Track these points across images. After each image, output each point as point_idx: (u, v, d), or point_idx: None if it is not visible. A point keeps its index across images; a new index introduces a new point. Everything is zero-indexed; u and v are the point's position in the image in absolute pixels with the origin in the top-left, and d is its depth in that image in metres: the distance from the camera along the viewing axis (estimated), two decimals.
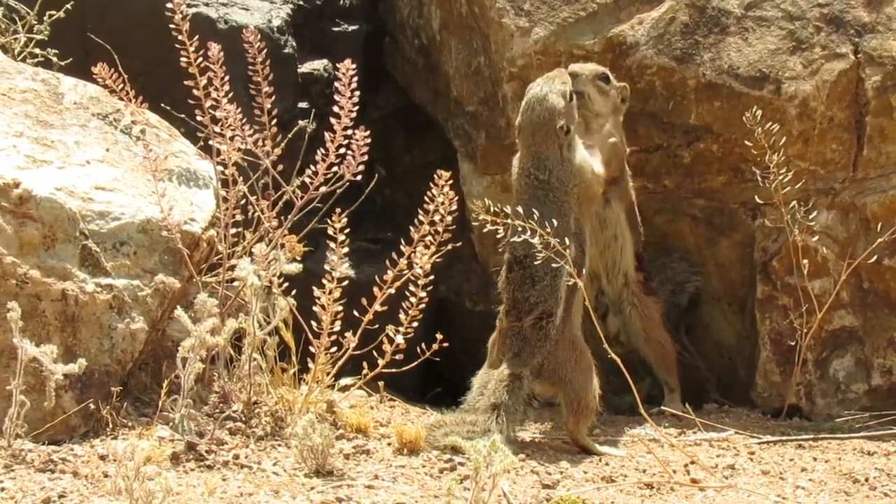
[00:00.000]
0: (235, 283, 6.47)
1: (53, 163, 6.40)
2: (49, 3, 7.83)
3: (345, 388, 6.72)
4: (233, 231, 6.61)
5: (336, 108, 6.52)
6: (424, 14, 8.42)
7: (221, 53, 6.45)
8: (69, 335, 6.11)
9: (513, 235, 6.47)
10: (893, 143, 7.43)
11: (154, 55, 7.64)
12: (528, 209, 6.41)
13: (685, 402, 7.32)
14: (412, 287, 6.40)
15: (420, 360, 6.44)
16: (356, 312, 6.38)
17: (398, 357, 6.39)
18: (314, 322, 6.40)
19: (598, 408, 6.72)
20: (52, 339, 6.01)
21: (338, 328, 6.38)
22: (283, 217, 6.72)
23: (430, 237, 6.42)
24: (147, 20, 7.75)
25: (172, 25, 6.47)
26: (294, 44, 8.33)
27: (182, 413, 6.07)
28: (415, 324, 6.39)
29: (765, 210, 7.53)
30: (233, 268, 6.45)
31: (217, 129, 6.57)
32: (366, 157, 6.47)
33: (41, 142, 6.49)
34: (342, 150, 6.49)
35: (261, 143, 6.66)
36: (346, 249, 6.35)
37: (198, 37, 6.48)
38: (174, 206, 6.42)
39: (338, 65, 6.55)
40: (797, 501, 6.01)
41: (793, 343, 7.40)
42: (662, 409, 7.26)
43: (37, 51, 7.74)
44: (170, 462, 5.86)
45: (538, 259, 6.34)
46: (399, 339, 6.37)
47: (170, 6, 6.49)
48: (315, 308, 6.38)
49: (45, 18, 7.77)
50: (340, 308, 6.35)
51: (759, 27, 7.54)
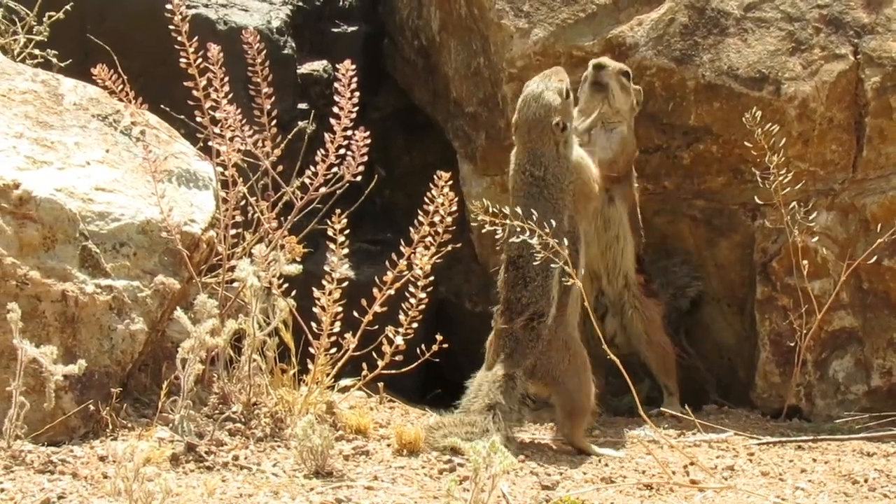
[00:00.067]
0: (235, 284, 6.47)
1: (53, 164, 6.40)
2: (49, 5, 7.83)
3: (344, 389, 6.72)
4: (232, 232, 6.61)
5: (336, 109, 6.51)
6: (424, 15, 8.42)
7: (221, 54, 6.45)
8: (69, 336, 6.11)
9: (510, 236, 6.48)
10: (893, 144, 7.43)
11: (153, 56, 7.64)
12: (523, 207, 6.41)
13: (684, 404, 7.32)
14: (412, 288, 6.40)
15: (420, 362, 6.43)
16: (356, 313, 6.38)
17: (398, 358, 6.39)
18: (314, 323, 6.40)
19: (595, 408, 6.72)
20: (52, 340, 6.01)
21: (337, 329, 6.38)
22: (283, 218, 6.72)
23: (430, 238, 6.42)
24: (146, 21, 7.76)
25: (172, 26, 6.47)
26: (293, 45, 8.33)
27: (182, 414, 6.06)
28: (414, 325, 6.39)
29: (764, 211, 7.53)
30: (232, 269, 6.45)
31: (217, 130, 6.56)
32: (365, 158, 6.47)
33: (41, 143, 6.48)
34: (342, 151, 6.49)
35: (260, 144, 6.66)
36: (346, 250, 6.35)
37: (197, 38, 6.47)
38: (174, 207, 6.42)
39: (337, 66, 6.55)
40: (796, 502, 6.01)
41: (792, 344, 7.40)
42: (662, 411, 7.26)
43: (36, 52, 7.74)
44: (169, 463, 5.86)
45: (531, 259, 6.35)
46: (399, 341, 6.37)
47: (169, 7, 6.49)
48: (315, 309, 6.38)
49: (45, 19, 7.77)
50: (340, 309, 6.35)
51: (759, 28, 7.54)
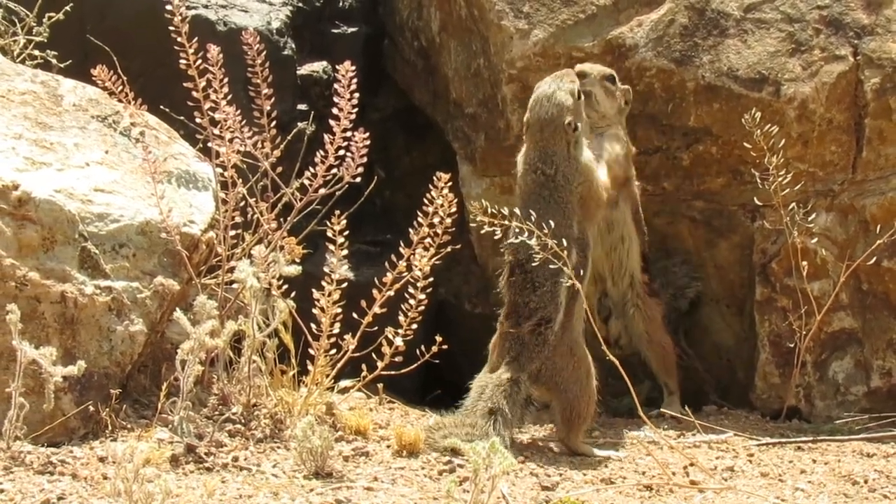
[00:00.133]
0: (235, 286, 6.47)
1: (52, 165, 6.40)
2: (48, 5, 7.83)
3: (344, 391, 6.71)
4: (232, 233, 6.61)
5: (335, 110, 6.51)
6: (424, 16, 8.42)
7: (220, 55, 6.45)
8: (68, 337, 6.10)
9: (514, 237, 6.46)
10: (892, 145, 7.43)
11: (153, 57, 7.64)
12: (532, 209, 6.41)
13: (684, 405, 7.31)
14: (411, 289, 6.40)
15: (419, 363, 6.43)
16: (355, 314, 6.38)
17: (397, 359, 6.38)
18: (313, 324, 6.40)
19: (595, 413, 6.72)
20: (52, 342, 6.00)
21: (337, 330, 6.38)
22: (283, 219, 6.71)
23: (430, 239, 6.42)
24: (146, 22, 7.75)
25: (171, 27, 6.47)
26: (293, 46, 8.33)
27: (181, 415, 6.06)
28: (414, 326, 6.38)
29: (764, 212, 7.52)
30: (232, 270, 6.45)
31: (216, 131, 6.56)
32: (365, 159, 6.47)
33: (40, 144, 6.48)
34: (341, 152, 6.49)
35: (260, 145, 6.66)
36: (346, 251, 6.35)
37: (197, 39, 6.47)
38: (173, 208, 6.42)
39: (337, 66, 6.55)
40: (796, 503, 6.01)
41: (792, 345, 7.39)
42: (662, 412, 7.26)
43: (36, 53, 7.74)
44: (169, 464, 5.85)
45: (541, 264, 6.33)
46: (398, 342, 6.37)
47: (169, 8, 6.49)
48: (314, 310, 6.37)
49: (45, 20, 7.77)
50: (340, 310, 6.34)
51: (759, 29, 7.54)
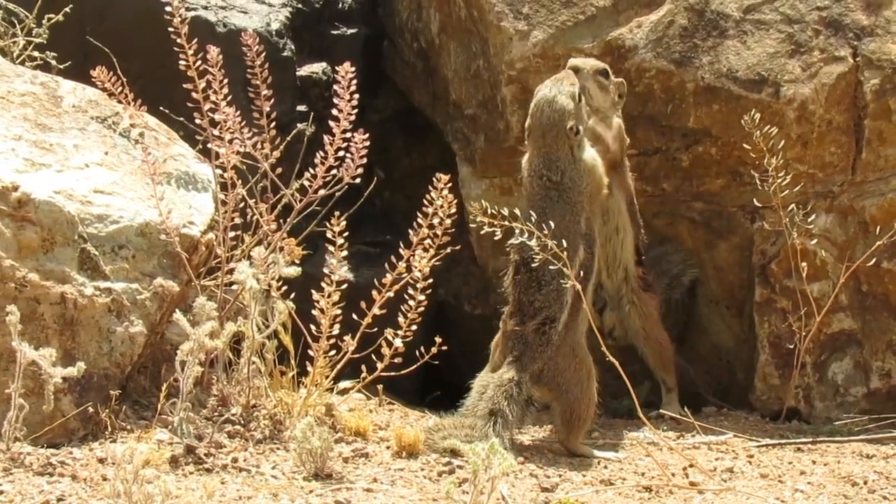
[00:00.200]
0: (234, 287, 6.47)
1: (52, 166, 6.40)
2: (48, 7, 7.83)
3: (344, 392, 6.72)
4: (231, 234, 6.61)
5: (335, 111, 6.51)
6: (423, 17, 8.42)
7: (220, 57, 6.45)
8: (68, 338, 6.10)
9: (520, 236, 6.46)
10: (892, 147, 7.43)
11: (153, 58, 7.64)
12: (540, 210, 6.42)
13: (683, 405, 7.31)
14: (411, 290, 6.40)
15: (419, 364, 6.43)
16: (355, 316, 6.38)
17: (397, 360, 6.38)
18: (313, 325, 6.40)
19: (595, 414, 6.72)
20: (51, 343, 6.00)
21: (337, 331, 6.38)
22: (282, 220, 6.71)
23: (429, 240, 6.42)
24: (146, 23, 7.75)
25: (171, 29, 6.47)
26: (293, 47, 8.34)
27: (181, 416, 6.06)
28: (414, 327, 6.38)
29: (763, 213, 7.52)
30: (231, 271, 6.45)
31: (216, 133, 6.56)
32: (365, 160, 6.47)
33: (40, 145, 6.48)
34: (341, 153, 6.49)
35: (259, 147, 6.66)
36: (345, 253, 6.35)
37: (196, 40, 6.48)
38: (173, 210, 6.42)
39: (337, 68, 6.55)
40: None
41: (791, 346, 7.39)
42: (661, 413, 7.26)
43: (35, 54, 7.74)
44: (168, 465, 5.85)
45: (546, 262, 6.33)
46: (398, 343, 6.37)
47: (168, 10, 6.49)
48: (314, 311, 6.37)
49: (44, 21, 7.77)
50: (339, 311, 6.35)
51: (758, 30, 7.54)
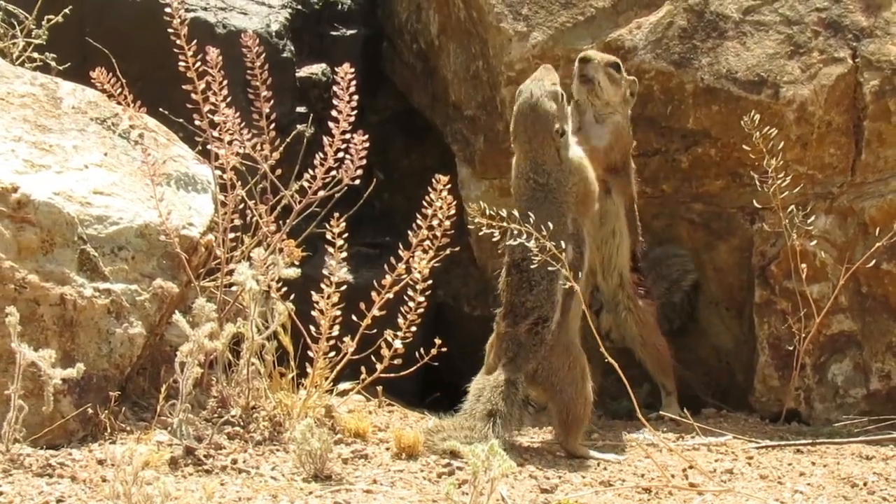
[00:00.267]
0: (234, 288, 6.47)
1: (52, 167, 6.40)
2: (47, 8, 7.83)
3: (343, 393, 6.71)
4: (231, 235, 6.61)
5: (334, 112, 6.51)
6: (423, 18, 8.42)
7: (220, 58, 6.45)
8: (67, 340, 6.10)
9: (511, 238, 6.47)
10: (891, 148, 7.43)
11: (152, 60, 7.64)
12: (527, 211, 6.41)
13: (683, 407, 7.31)
14: (410, 292, 6.40)
15: (418, 365, 6.43)
16: (354, 317, 6.38)
17: (396, 362, 6.39)
18: (312, 327, 6.40)
19: (592, 413, 6.72)
20: (51, 344, 6.00)
21: (336, 333, 6.38)
22: (282, 221, 6.71)
23: (429, 242, 6.42)
24: (145, 25, 7.76)
25: (171, 30, 6.47)
26: (292, 48, 8.34)
27: (180, 418, 6.06)
28: (413, 328, 6.38)
29: (763, 214, 7.52)
30: (231, 272, 6.45)
31: (215, 134, 6.56)
32: (364, 162, 6.47)
33: (39, 146, 6.48)
34: (340, 155, 6.49)
35: (259, 148, 6.66)
36: (345, 254, 6.35)
37: (196, 41, 6.48)
38: (172, 211, 6.42)
39: (336, 69, 6.55)
40: None
41: (791, 348, 7.39)
42: (661, 414, 7.26)
43: (35, 55, 7.74)
44: (168, 467, 5.85)
45: (535, 263, 6.34)
46: (397, 344, 6.37)
47: (168, 11, 6.49)
48: (313, 313, 6.37)
49: (44, 23, 7.77)
50: (339, 313, 6.34)
51: (758, 32, 7.54)
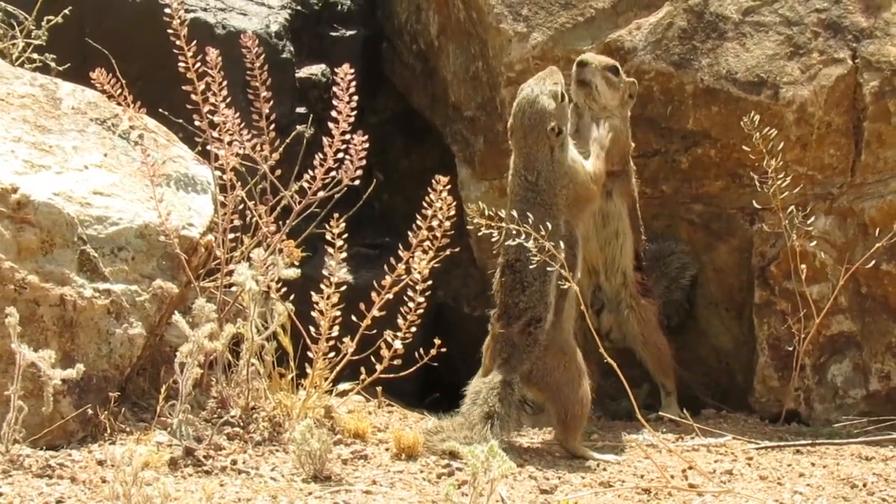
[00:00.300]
0: (233, 289, 6.47)
1: (51, 168, 6.40)
2: (47, 8, 7.83)
3: (343, 394, 6.71)
4: (231, 236, 6.61)
5: (334, 113, 6.52)
6: (422, 19, 8.42)
7: (219, 58, 6.45)
8: (67, 340, 6.10)
9: (506, 239, 6.47)
10: (891, 149, 7.43)
11: (152, 60, 7.65)
12: (520, 211, 6.43)
13: (682, 407, 7.31)
14: (410, 292, 6.40)
15: (418, 366, 6.43)
16: (354, 318, 6.38)
17: (396, 362, 6.39)
18: (312, 327, 6.40)
19: (590, 413, 6.71)
20: (51, 345, 6.00)
21: (336, 333, 6.38)
22: (282, 222, 6.71)
23: (429, 242, 6.42)
24: (145, 25, 7.76)
25: (170, 30, 6.48)
26: (292, 49, 8.34)
27: (180, 418, 6.06)
28: (413, 329, 6.39)
29: (763, 215, 7.52)
30: (231, 273, 6.45)
31: (215, 134, 6.56)
32: (364, 162, 6.47)
33: (39, 147, 6.48)
34: (340, 155, 6.49)
35: (259, 148, 6.66)
36: (345, 254, 6.35)
37: (196, 42, 6.48)
38: (172, 212, 6.42)
39: (336, 69, 6.56)
40: None
41: (791, 348, 7.39)
42: (660, 415, 7.25)
43: (35, 56, 7.74)
44: (168, 467, 5.85)
45: (528, 263, 6.34)
46: (397, 345, 6.37)
47: (168, 11, 6.49)
48: (313, 313, 6.37)
49: (44, 23, 7.77)
50: (339, 313, 6.35)
51: (757, 32, 7.54)
